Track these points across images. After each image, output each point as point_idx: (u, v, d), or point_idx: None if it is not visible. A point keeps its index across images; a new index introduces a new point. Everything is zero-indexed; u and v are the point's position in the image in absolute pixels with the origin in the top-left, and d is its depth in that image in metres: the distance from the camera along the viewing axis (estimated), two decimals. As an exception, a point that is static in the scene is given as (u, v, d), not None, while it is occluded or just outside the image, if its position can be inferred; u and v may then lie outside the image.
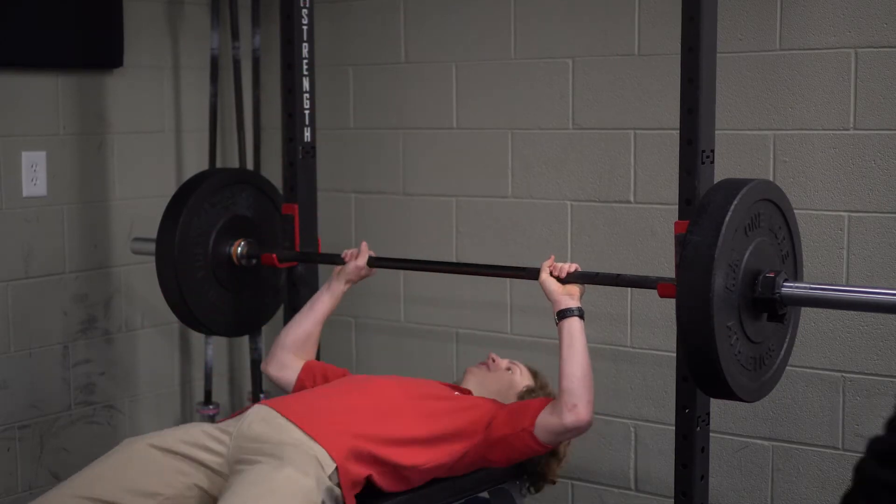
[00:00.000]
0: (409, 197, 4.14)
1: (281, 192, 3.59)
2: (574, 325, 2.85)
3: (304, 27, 3.36)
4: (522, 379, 3.17)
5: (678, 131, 2.78)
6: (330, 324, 4.06)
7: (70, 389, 4.01)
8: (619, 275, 2.99)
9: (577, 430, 2.81)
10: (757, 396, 2.69)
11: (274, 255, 3.43)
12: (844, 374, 3.35)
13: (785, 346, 2.75)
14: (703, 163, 2.72)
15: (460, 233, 4.03)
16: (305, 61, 3.38)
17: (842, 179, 3.32)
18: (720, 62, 2.86)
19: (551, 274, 2.94)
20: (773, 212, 2.65)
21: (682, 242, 2.56)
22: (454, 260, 4.01)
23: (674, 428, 2.87)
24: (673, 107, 3.05)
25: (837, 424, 3.36)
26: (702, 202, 2.55)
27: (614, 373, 3.70)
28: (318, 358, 3.47)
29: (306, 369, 3.22)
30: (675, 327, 2.60)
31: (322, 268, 3.63)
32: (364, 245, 3.39)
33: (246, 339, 4.34)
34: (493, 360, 3.20)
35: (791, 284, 2.59)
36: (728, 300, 2.49)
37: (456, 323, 4.05)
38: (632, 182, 3.65)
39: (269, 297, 3.66)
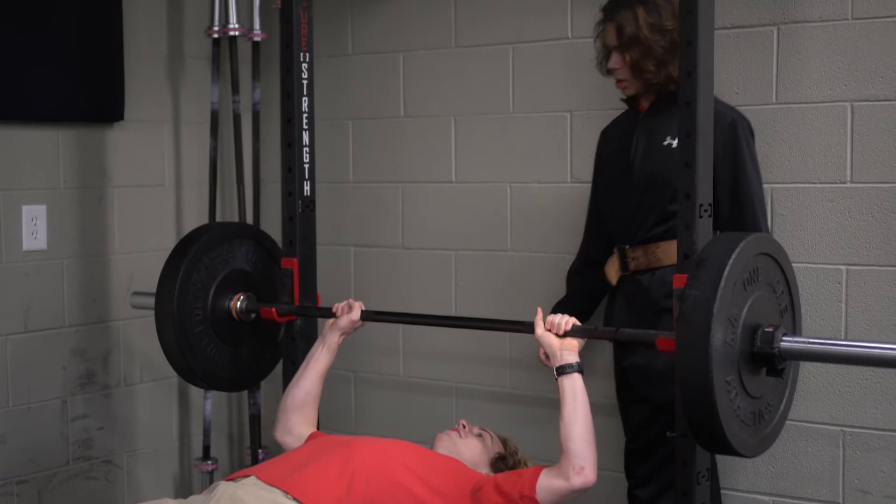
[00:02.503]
0: (408, 251, 4.14)
1: (280, 245, 3.59)
2: (576, 383, 2.80)
3: (304, 81, 3.37)
4: (493, 446, 3.12)
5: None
6: (329, 378, 4.04)
7: (68, 444, 3.99)
8: (617, 329, 2.98)
9: (584, 491, 2.76)
10: (756, 452, 2.68)
11: (273, 310, 3.42)
12: (844, 429, 3.33)
13: (784, 400, 2.74)
14: (700, 217, 2.72)
15: (459, 287, 4.03)
16: (305, 115, 3.39)
17: (839, 233, 3.32)
18: (717, 116, 2.87)
19: (549, 330, 2.91)
20: (771, 266, 2.65)
21: (680, 297, 2.56)
22: (453, 313, 4.00)
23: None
24: (670, 161, 3.06)
25: (838, 479, 3.35)
26: (700, 256, 2.55)
27: (614, 428, 3.68)
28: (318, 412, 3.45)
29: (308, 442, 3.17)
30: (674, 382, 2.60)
31: (321, 321, 3.62)
32: (351, 300, 3.35)
33: (245, 394, 4.32)
34: (465, 427, 3.15)
35: (790, 339, 2.59)
36: (727, 355, 2.48)
37: (455, 378, 4.03)
38: (630, 235, 3.65)
39: (269, 351, 3.64)
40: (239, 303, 3.47)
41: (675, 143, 3.06)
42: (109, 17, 4.02)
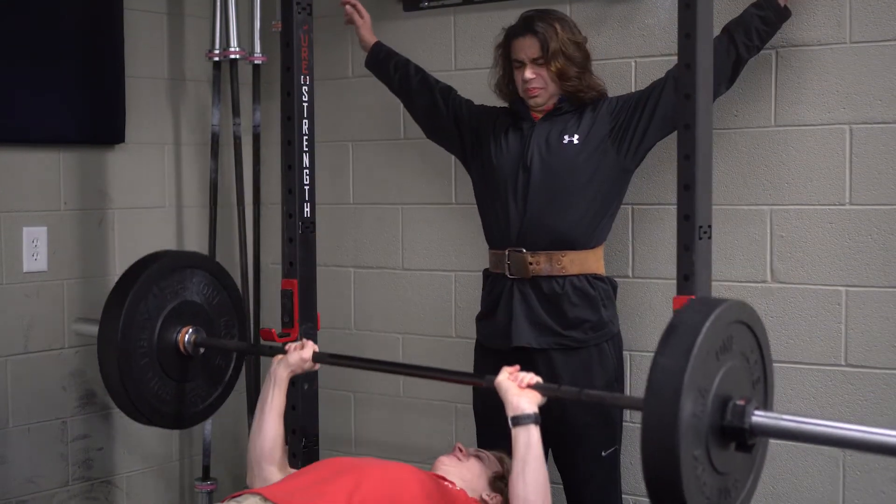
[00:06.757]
0: (408, 272, 4.15)
1: (239, 278, 3.45)
2: (531, 437, 2.72)
3: (305, 104, 3.38)
4: (490, 465, 3.12)
5: (675, 207, 2.80)
6: (330, 399, 4.06)
7: (68, 465, 3.99)
8: (581, 390, 2.83)
9: None
10: None
11: (272, 331, 3.37)
12: (844, 449, 3.34)
13: (751, 478, 2.52)
14: (700, 238, 2.72)
15: (459, 308, 4.04)
16: (305, 137, 3.39)
17: (838, 254, 3.33)
18: (716, 138, 2.88)
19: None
20: (745, 335, 2.46)
21: (651, 365, 2.40)
22: (454, 334, 4.02)
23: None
24: (670, 182, 3.07)
25: (838, 500, 3.35)
26: (672, 322, 2.35)
27: None
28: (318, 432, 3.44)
29: None
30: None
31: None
32: (305, 340, 3.29)
33: (245, 413, 4.33)
34: (462, 451, 3.14)
35: (761, 414, 2.36)
36: (696, 428, 2.28)
37: (455, 398, 4.03)
38: (630, 257, 3.66)
39: (216, 388, 3.50)
40: (187, 336, 3.35)
41: (574, 139, 3.37)
42: (111, 40, 4.04)
